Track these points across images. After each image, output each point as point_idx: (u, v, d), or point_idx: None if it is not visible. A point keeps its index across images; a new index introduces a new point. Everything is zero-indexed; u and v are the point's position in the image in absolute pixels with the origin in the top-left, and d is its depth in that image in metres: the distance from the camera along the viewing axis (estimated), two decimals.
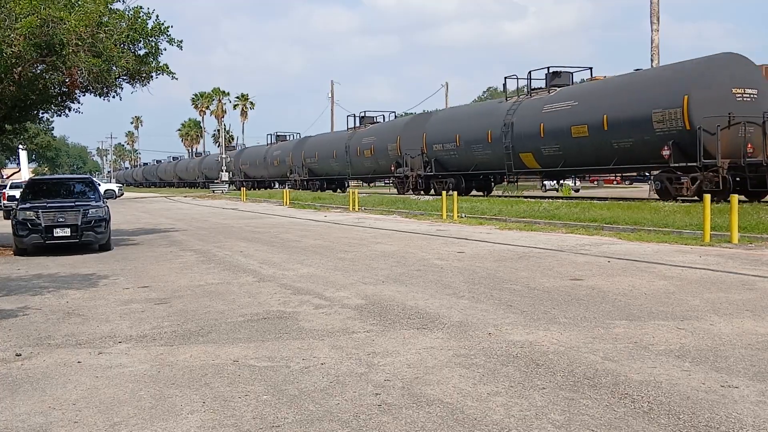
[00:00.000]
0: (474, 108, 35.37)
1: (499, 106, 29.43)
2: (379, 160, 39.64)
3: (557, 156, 25.73)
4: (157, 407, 4.51)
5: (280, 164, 55.76)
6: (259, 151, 63.55)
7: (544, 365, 5.20)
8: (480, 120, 30.05)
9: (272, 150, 58.76)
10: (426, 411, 4.31)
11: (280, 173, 56.74)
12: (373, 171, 41.52)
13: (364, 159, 41.39)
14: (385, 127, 41.25)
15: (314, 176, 49.76)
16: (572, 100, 25.00)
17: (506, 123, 27.73)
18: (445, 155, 32.47)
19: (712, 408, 4.24)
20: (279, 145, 58.76)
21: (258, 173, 62.65)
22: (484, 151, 29.49)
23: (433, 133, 33.42)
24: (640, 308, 7.20)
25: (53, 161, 79.45)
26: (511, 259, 11.41)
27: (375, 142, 40.07)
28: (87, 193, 16.35)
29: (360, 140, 42.01)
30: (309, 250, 13.70)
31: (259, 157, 61.51)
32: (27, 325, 7.21)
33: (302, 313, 7.43)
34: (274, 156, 57.19)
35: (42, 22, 12.63)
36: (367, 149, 40.83)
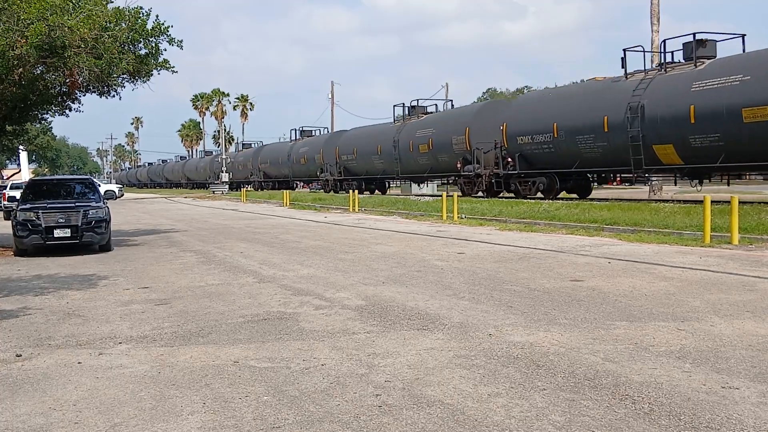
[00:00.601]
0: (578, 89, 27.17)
1: (618, 86, 23.21)
2: (439, 156, 32.98)
3: (714, 148, 19.84)
4: (158, 408, 4.51)
5: (307, 162, 50.00)
6: (281, 148, 58.04)
7: (544, 366, 5.20)
8: (590, 103, 23.74)
9: (298, 147, 52.85)
10: (426, 412, 4.30)
11: (307, 172, 51.30)
12: (429, 169, 34.61)
13: (418, 155, 34.68)
14: (448, 117, 34.42)
15: (351, 175, 43.14)
16: (740, 74, 19.07)
17: (632, 106, 21.74)
18: (536, 149, 26.30)
19: (712, 409, 4.24)
20: (305, 141, 52.55)
21: (280, 172, 56.83)
22: (596, 143, 23.44)
23: (518, 122, 27.25)
24: (641, 309, 7.20)
25: (53, 162, 79.44)
26: (512, 260, 11.41)
27: (434, 134, 33.49)
28: (87, 194, 16.35)
29: (413, 132, 35.39)
30: (309, 251, 13.70)
31: (282, 154, 55.79)
32: (27, 325, 7.21)
33: (302, 314, 7.42)
34: (301, 153, 51.42)
35: (50, 28, 12.64)
36: (423, 143, 34.11)
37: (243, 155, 68.31)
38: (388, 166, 38.48)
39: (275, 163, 57.74)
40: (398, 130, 37.26)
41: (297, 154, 52.39)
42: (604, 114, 23.10)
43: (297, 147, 53.08)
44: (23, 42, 13.05)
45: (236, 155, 69.88)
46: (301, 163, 51.62)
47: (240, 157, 68.20)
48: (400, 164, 36.91)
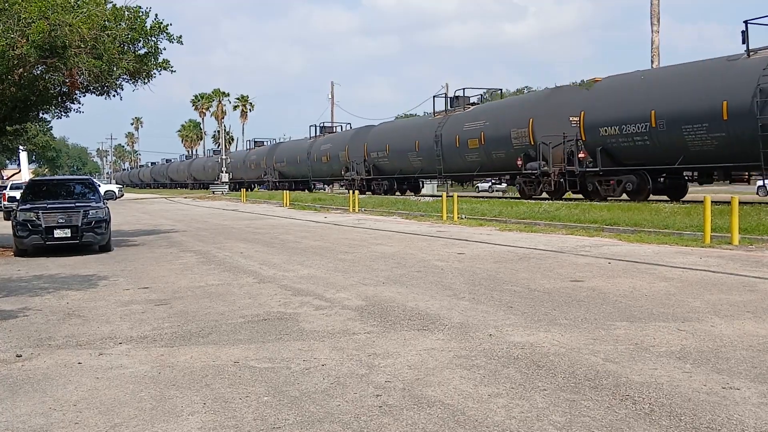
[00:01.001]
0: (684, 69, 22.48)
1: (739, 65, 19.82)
2: (494, 152, 30.30)
3: None
4: (158, 408, 4.51)
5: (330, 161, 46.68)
6: (299, 145, 54.01)
7: (545, 367, 5.20)
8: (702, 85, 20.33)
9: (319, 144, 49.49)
10: (427, 412, 4.30)
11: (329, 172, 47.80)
12: (480, 167, 31.81)
13: (467, 151, 31.92)
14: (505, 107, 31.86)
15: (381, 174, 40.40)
16: None
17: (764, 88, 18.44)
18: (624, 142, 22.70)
19: (713, 410, 4.23)
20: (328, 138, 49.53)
21: (299, 171, 52.94)
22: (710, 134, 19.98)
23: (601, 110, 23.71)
24: (641, 310, 7.20)
25: (53, 162, 79.36)
26: (512, 261, 11.41)
27: (487, 127, 30.63)
28: (87, 194, 16.35)
29: (459, 126, 32.61)
30: (309, 251, 13.70)
31: (300, 152, 51.93)
32: (27, 326, 7.21)
33: (303, 315, 7.42)
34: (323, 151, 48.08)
35: (51, 27, 12.64)
36: (473, 138, 31.54)
37: (255, 153, 63.36)
38: (427, 164, 34.88)
39: (293, 162, 53.34)
40: (440, 124, 33.51)
41: (318, 151, 48.32)
42: (723, 99, 19.41)
43: (318, 144, 49.15)
44: (24, 42, 13.06)
45: (247, 154, 66.90)
46: (322, 162, 47.60)
47: (252, 155, 63.95)
48: (443, 162, 33.23)
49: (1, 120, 16.96)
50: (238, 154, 67.30)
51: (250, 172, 63.58)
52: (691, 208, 17.65)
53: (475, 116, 31.61)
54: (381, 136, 39.97)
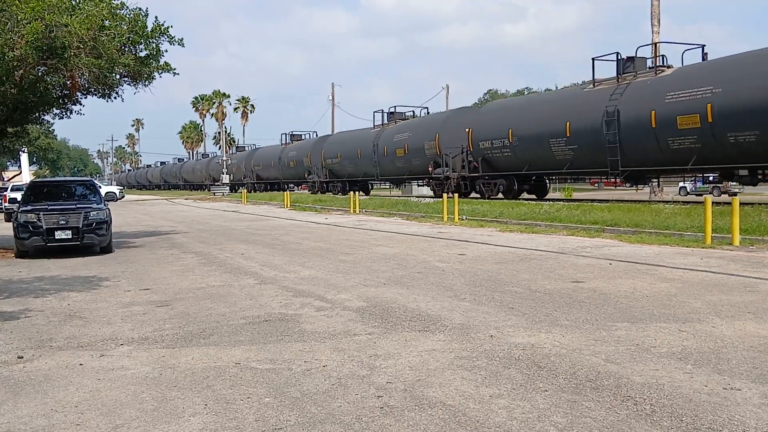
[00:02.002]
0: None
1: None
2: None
3: None
4: (159, 410, 4.51)
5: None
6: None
7: (546, 368, 5.20)
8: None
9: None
10: (428, 413, 4.30)
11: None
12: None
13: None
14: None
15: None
16: None
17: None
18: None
19: (714, 410, 4.23)
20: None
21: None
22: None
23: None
24: (642, 310, 7.20)
25: (54, 164, 79.49)
26: (513, 262, 11.41)
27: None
28: (88, 196, 16.35)
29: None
30: (310, 253, 13.70)
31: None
32: (29, 327, 7.21)
33: (304, 316, 7.42)
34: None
35: (46, 27, 12.65)
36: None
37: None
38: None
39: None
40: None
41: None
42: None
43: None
44: (22, 43, 13.07)
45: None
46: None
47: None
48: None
49: (2, 122, 16.99)
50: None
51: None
52: (692, 209, 17.64)
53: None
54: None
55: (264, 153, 63.00)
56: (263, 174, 61.56)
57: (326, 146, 46.69)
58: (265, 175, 61.25)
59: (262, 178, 62.01)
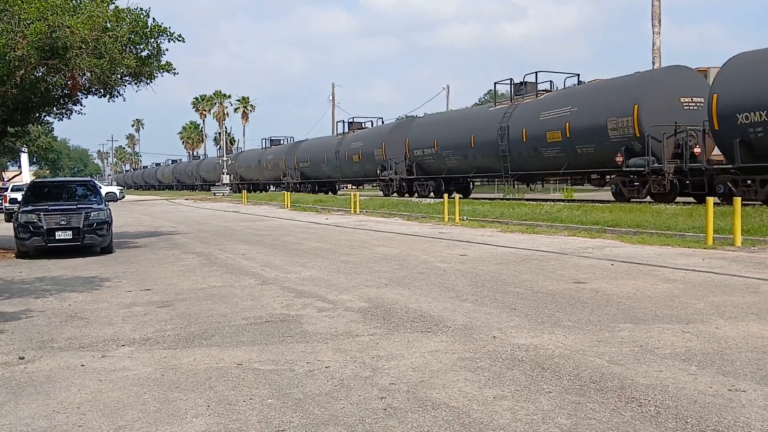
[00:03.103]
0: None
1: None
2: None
3: None
4: (162, 411, 4.49)
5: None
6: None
7: (549, 369, 5.18)
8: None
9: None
10: (432, 415, 4.28)
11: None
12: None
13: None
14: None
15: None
16: None
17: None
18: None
19: (719, 412, 4.21)
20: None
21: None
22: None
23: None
24: (645, 311, 7.18)
25: (54, 164, 79.43)
26: (514, 262, 11.39)
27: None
28: (89, 196, 16.32)
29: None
30: (311, 253, 13.68)
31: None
32: (30, 328, 7.19)
33: (305, 316, 7.40)
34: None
35: (49, 27, 12.62)
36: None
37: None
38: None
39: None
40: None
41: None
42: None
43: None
44: (24, 43, 13.06)
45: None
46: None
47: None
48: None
49: (2, 122, 16.96)
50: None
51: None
52: (693, 210, 17.61)
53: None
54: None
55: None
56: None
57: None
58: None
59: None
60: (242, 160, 67.06)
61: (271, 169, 58.47)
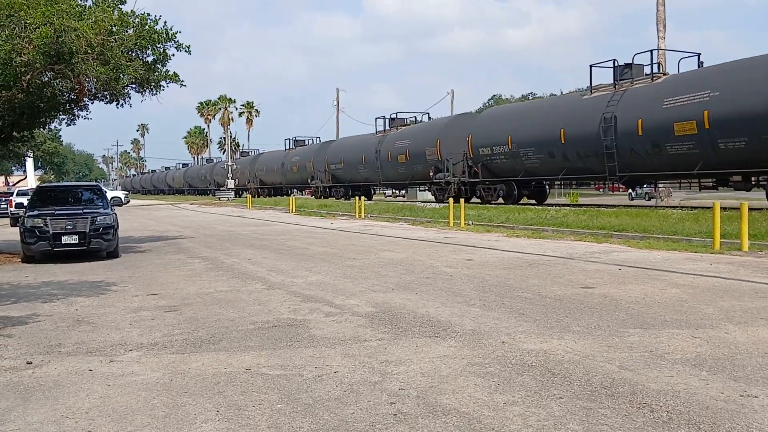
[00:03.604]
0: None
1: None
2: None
3: None
4: (171, 416, 4.48)
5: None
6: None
7: (560, 374, 5.15)
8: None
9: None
10: (443, 421, 4.26)
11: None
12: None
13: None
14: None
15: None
16: None
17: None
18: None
19: (732, 418, 4.18)
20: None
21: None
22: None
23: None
24: (654, 316, 7.14)
25: (59, 168, 79.59)
26: (521, 267, 11.35)
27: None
28: (95, 201, 16.36)
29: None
30: (317, 258, 13.67)
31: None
32: (37, 332, 7.19)
33: (313, 321, 7.38)
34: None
35: (55, 32, 12.65)
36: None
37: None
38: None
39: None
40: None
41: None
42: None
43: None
44: (30, 47, 13.09)
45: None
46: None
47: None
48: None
49: (9, 126, 16.99)
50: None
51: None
52: (699, 214, 17.57)
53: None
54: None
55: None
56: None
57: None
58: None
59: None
60: (263, 162, 61.82)
61: (296, 171, 53.49)
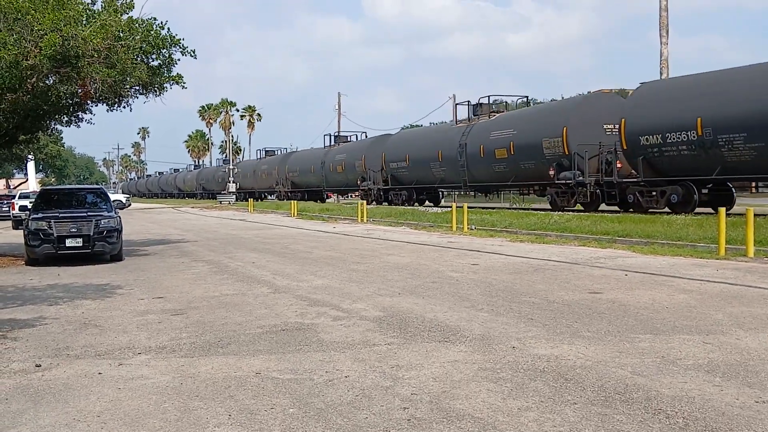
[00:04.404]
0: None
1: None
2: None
3: None
4: (183, 420, 4.45)
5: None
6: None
7: (572, 380, 5.12)
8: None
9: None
10: (457, 426, 4.23)
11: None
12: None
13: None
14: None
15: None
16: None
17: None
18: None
19: (749, 424, 4.15)
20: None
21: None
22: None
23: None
24: (664, 322, 7.11)
25: (60, 172, 79.56)
26: (527, 272, 11.33)
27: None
28: (99, 204, 16.33)
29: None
30: (321, 262, 13.64)
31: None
32: (44, 335, 7.16)
33: (321, 325, 7.36)
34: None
35: (63, 38, 12.65)
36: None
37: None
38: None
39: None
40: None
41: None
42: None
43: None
44: (37, 52, 13.08)
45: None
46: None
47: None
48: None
49: (13, 129, 16.98)
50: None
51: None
52: (704, 220, 17.54)
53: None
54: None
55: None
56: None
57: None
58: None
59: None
60: (296, 161, 56.58)
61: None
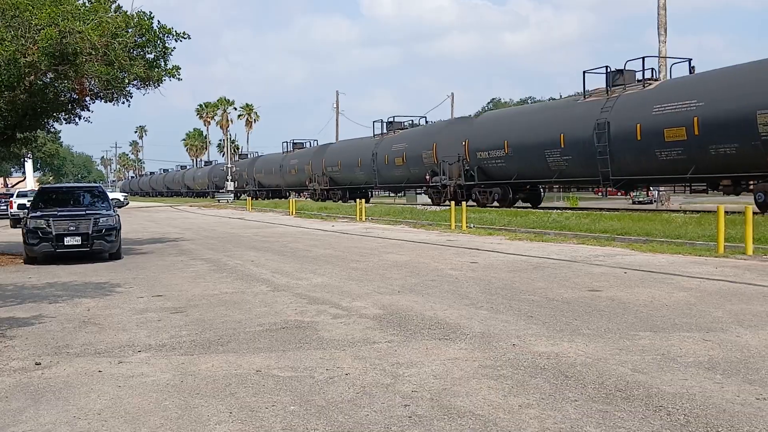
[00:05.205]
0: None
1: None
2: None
3: None
4: (184, 417, 4.44)
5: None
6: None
7: (573, 377, 5.12)
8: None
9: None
10: (458, 423, 4.23)
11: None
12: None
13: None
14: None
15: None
16: None
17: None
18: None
19: (750, 421, 4.15)
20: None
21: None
22: None
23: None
24: (663, 320, 7.12)
25: (58, 170, 79.47)
26: (526, 270, 11.33)
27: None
28: (97, 202, 16.31)
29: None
30: (320, 260, 13.63)
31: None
32: (43, 333, 7.15)
33: (321, 323, 7.35)
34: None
35: (60, 34, 12.62)
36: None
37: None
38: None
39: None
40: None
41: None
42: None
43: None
44: (35, 49, 13.05)
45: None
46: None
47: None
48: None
49: (11, 127, 16.94)
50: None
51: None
52: (702, 218, 17.56)
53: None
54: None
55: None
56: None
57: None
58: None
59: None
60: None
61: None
